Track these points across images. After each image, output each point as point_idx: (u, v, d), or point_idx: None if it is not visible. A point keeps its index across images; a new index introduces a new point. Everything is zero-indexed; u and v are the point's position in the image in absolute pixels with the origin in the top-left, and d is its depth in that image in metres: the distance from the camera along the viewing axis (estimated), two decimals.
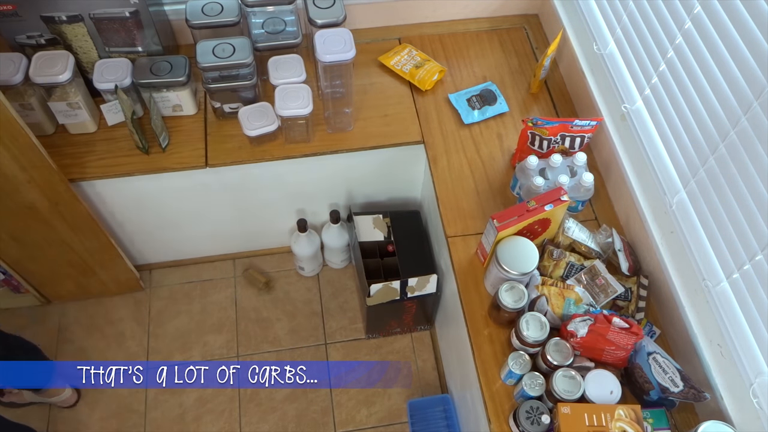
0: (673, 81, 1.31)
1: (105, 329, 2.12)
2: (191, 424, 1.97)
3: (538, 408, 1.23)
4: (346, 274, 2.27)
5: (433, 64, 1.84)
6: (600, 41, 1.61)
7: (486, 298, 1.46)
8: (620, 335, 1.23)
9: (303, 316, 2.18)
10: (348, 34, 1.56)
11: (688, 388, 1.19)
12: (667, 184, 1.37)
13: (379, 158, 1.82)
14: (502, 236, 1.37)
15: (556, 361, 1.26)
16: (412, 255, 1.90)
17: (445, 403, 1.92)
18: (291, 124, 1.64)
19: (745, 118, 1.10)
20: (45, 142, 1.53)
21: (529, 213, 1.36)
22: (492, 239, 1.38)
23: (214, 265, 2.25)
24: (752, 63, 1.07)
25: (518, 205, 1.39)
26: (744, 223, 1.14)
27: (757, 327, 1.13)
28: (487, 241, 1.42)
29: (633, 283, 1.42)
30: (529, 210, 1.36)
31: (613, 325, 1.22)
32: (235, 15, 1.63)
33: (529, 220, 1.37)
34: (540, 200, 1.38)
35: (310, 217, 2.07)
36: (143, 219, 1.91)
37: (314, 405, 2.01)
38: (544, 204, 1.37)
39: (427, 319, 2.07)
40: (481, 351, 1.39)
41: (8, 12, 1.51)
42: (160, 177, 1.69)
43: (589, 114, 1.68)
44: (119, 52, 1.68)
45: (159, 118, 1.64)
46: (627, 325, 1.22)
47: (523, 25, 2.00)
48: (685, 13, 1.25)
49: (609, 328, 1.22)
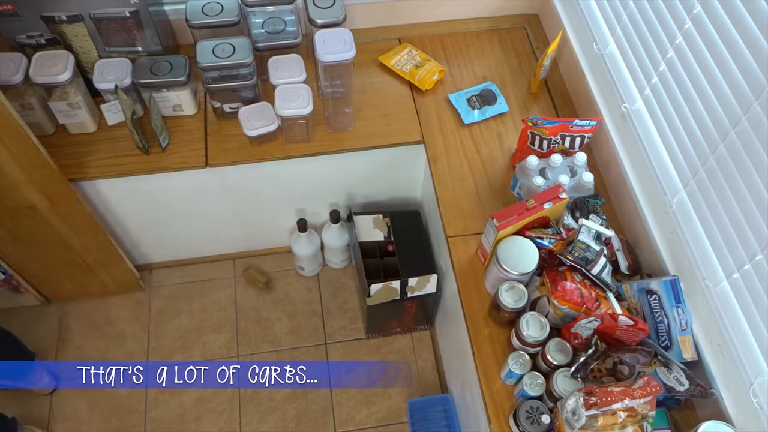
0: (673, 81, 1.31)
1: (105, 329, 2.12)
2: (191, 424, 1.97)
3: (538, 408, 1.23)
4: (346, 274, 2.27)
5: (433, 64, 1.84)
6: (600, 41, 1.61)
7: (486, 298, 1.46)
8: (627, 332, 1.22)
9: (303, 316, 2.18)
10: (348, 34, 1.56)
11: (694, 386, 1.19)
12: (667, 184, 1.37)
13: (379, 158, 1.82)
14: (502, 235, 1.37)
15: (557, 361, 1.26)
16: (412, 255, 1.90)
17: (445, 402, 1.92)
18: (291, 124, 1.64)
19: (745, 118, 1.10)
20: (45, 142, 1.53)
21: (528, 211, 1.36)
22: (492, 239, 1.38)
23: (214, 265, 2.25)
24: (752, 63, 1.07)
25: (517, 204, 1.39)
26: (744, 223, 1.14)
27: (757, 327, 1.13)
28: (487, 241, 1.42)
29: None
30: (528, 208, 1.37)
31: (619, 323, 1.22)
32: (235, 15, 1.63)
33: (528, 218, 1.37)
34: (539, 198, 1.38)
35: (310, 217, 2.07)
36: (143, 219, 1.91)
37: (314, 405, 2.01)
38: (543, 202, 1.37)
39: (427, 319, 2.07)
40: (481, 351, 1.39)
41: (8, 12, 1.51)
42: (160, 177, 1.69)
43: (589, 114, 1.68)
44: (119, 52, 1.68)
45: (159, 118, 1.64)
46: (632, 322, 1.22)
47: (523, 25, 2.00)
48: (685, 13, 1.25)
49: (617, 327, 1.22)
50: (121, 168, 1.65)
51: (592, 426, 1.06)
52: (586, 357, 1.16)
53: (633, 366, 1.21)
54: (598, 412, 1.05)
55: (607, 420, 1.05)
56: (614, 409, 1.05)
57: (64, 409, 1.97)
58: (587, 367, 1.17)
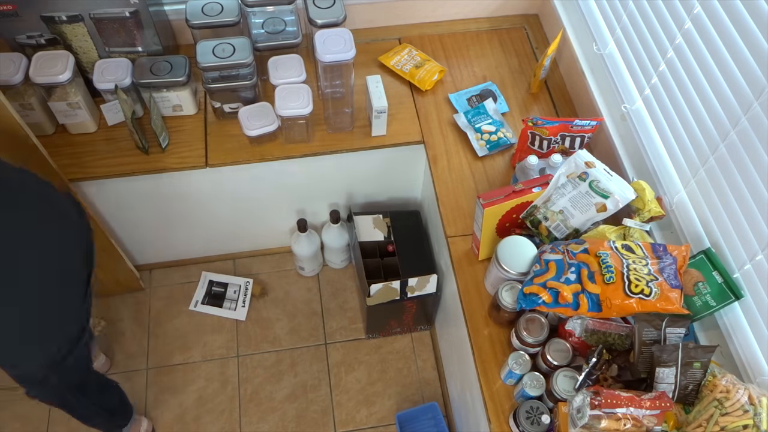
0: (673, 81, 1.31)
1: (105, 329, 2.12)
2: (191, 424, 1.97)
3: (538, 408, 1.23)
4: (346, 274, 2.27)
5: (433, 64, 1.84)
6: (600, 41, 1.61)
7: (486, 298, 1.46)
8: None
9: (303, 316, 2.18)
10: (348, 34, 1.56)
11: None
12: (668, 184, 1.37)
13: (379, 158, 1.82)
14: (489, 216, 1.37)
15: (557, 361, 1.26)
16: (412, 255, 1.90)
17: (433, 410, 1.92)
18: (291, 124, 1.64)
19: (745, 118, 1.10)
20: (45, 142, 1.54)
21: (515, 194, 1.37)
22: (480, 221, 1.38)
23: (214, 265, 2.25)
24: (752, 63, 1.07)
25: (506, 186, 1.39)
26: (744, 223, 1.14)
27: (757, 327, 1.13)
28: (477, 226, 1.42)
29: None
30: (516, 191, 1.37)
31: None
32: (235, 15, 1.63)
33: (515, 200, 1.37)
34: (528, 183, 1.39)
35: (310, 217, 2.07)
36: (143, 219, 1.91)
37: (314, 405, 2.01)
38: (531, 186, 1.38)
39: (427, 319, 2.07)
40: (481, 351, 1.39)
41: (8, 12, 1.51)
42: (160, 177, 1.69)
43: (589, 114, 1.68)
44: (119, 52, 1.68)
45: (159, 118, 1.64)
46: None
47: (523, 25, 2.00)
48: (684, 13, 1.25)
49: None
50: (121, 168, 1.65)
51: (595, 427, 1.06)
52: (589, 368, 1.16)
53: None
54: (601, 413, 1.05)
55: (611, 424, 1.05)
56: (618, 414, 1.05)
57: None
58: (591, 377, 1.17)
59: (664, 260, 1.21)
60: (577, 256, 1.24)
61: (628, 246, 1.24)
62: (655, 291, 1.15)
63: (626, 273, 1.18)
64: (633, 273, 1.18)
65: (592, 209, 1.31)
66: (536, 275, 1.25)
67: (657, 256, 1.23)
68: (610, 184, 1.31)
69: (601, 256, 1.21)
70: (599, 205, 1.30)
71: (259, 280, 2.24)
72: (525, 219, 1.40)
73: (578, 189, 1.32)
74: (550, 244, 1.31)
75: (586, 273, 1.20)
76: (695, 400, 1.12)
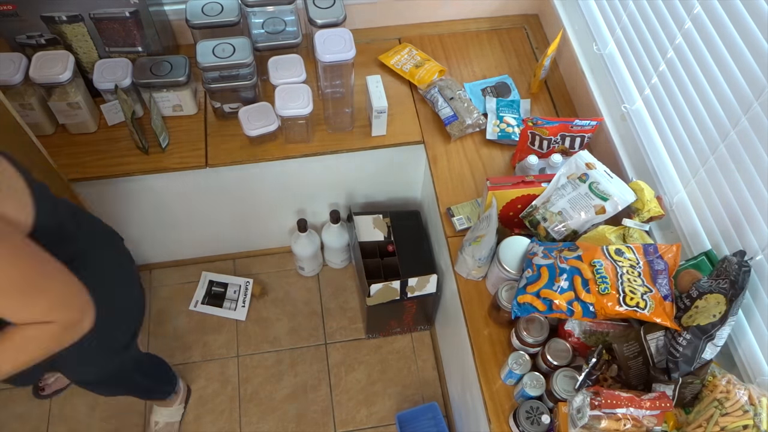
0: (673, 81, 1.31)
1: None
2: (191, 424, 1.97)
3: (538, 408, 1.23)
4: (346, 274, 2.27)
5: (433, 64, 1.84)
6: (600, 41, 1.61)
7: (486, 298, 1.46)
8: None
9: (303, 316, 2.18)
10: (348, 34, 1.56)
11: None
12: (668, 184, 1.37)
13: (379, 158, 1.82)
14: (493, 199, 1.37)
15: (556, 362, 1.26)
16: (412, 255, 1.90)
17: (433, 410, 1.92)
18: (291, 124, 1.64)
19: (745, 118, 1.10)
20: (45, 142, 1.53)
21: (525, 184, 1.37)
22: (484, 202, 1.38)
23: (214, 265, 2.25)
24: (752, 63, 1.07)
25: (516, 176, 1.39)
26: (744, 223, 1.14)
27: (757, 327, 1.13)
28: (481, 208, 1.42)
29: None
30: (526, 181, 1.37)
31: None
32: (235, 15, 1.63)
33: (523, 190, 1.37)
34: (539, 177, 1.40)
35: (310, 217, 2.07)
36: (143, 219, 1.91)
37: (314, 405, 2.01)
38: (542, 181, 1.39)
39: (427, 319, 2.07)
40: (481, 351, 1.39)
41: (8, 12, 1.51)
42: (160, 177, 1.69)
43: (589, 114, 1.68)
44: (119, 52, 1.68)
45: (159, 118, 1.64)
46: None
47: (523, 25, 2.00)
48: (684, 13, 1.25)
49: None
50: (121, 168, 1.65)
51: (595, 427, 1.06)
52: (589, 368, 1.16)
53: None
54: (601, 413, 1.05)
55: (611, 425, 1.05)
56: (618, 414, 1.05)
57: (64, 409, 1.97)
58: (590, 377, 1.17)
59: (656, 265, 1.20)
60: (569, 261, 1.23)
61: (619, 250, 1.23)
62: (650, 304, 1.14)
63: (621, 286, 1.16)
64: (628, 285, 1.16)
65: (591, 211, 1.31)
66: (529, 282, 1.24)
67: (648, 260, 1.21)
68: (609, 186, 1.31)
69: (595, 266, 1.20)
70: (598, 208, 1.30)
71: (259, 280, 2.24)
72: (524, 219, 1.40)
73: (578, 190, 1.32)
74: (542, 246, 1.30)
75: (579, 281, 1.19)
76: (695, 401, 1.12)
